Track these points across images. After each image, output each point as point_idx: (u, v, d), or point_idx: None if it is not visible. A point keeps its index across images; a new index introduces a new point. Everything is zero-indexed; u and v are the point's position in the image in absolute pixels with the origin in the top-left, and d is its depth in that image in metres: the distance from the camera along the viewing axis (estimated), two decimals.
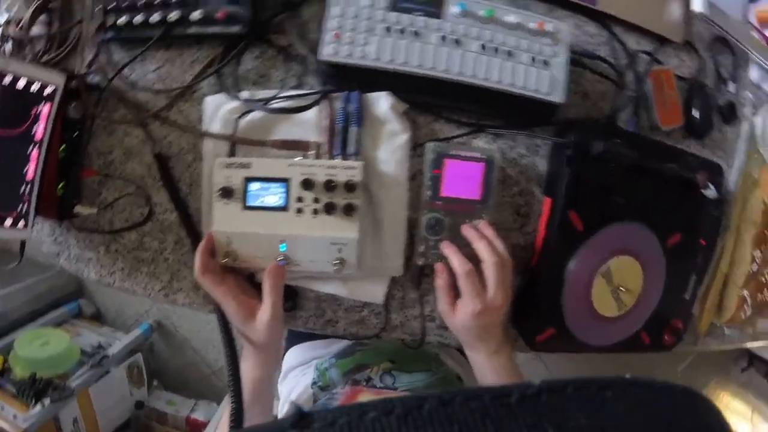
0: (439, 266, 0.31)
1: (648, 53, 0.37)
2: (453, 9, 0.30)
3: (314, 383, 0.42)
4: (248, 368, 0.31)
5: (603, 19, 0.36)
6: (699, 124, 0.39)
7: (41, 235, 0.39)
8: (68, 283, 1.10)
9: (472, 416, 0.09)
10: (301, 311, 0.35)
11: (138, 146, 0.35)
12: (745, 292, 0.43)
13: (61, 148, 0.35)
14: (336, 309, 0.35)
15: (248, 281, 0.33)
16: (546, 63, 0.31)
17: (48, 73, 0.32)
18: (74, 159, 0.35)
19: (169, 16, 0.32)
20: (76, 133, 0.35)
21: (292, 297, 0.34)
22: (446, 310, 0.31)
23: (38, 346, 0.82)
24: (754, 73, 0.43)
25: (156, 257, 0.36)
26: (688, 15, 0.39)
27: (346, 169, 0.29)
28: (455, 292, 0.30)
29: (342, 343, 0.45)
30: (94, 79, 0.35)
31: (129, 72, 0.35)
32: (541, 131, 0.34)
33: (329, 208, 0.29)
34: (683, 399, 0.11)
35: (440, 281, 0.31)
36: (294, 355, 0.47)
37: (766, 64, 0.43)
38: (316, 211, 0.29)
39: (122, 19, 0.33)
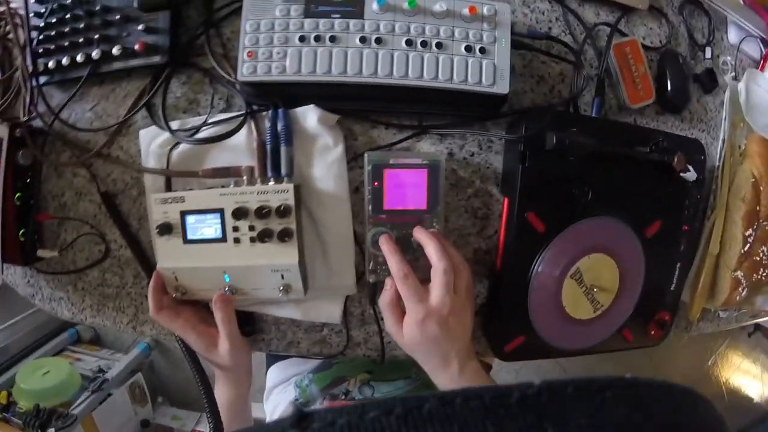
0: (388, 281, 0.28)
1: (609, 24, 0.32)
2: (372, 5, 0.27)
3: (296, 400, 0.41)
4: (222, 391, 0.31)
5: None
6: (674, 98, 0.34)
7: (15, 278, 0.39)
8: None
9: (472, 416, 0.09)
10: (262, 334, 0.33)
11: (86, 186, 0.34)
12: (739, 274, 0.38)
13: (17, 196, 0.34)
14: (296, 330, 0.33)
15: (206, 309, 0.32)
16: (484, 51, 0.27)
17: None
18: (30, 204, 0.35)
19: (92, 54, 0.30)
20: (28, 179, 0.35)
21: (249, 322, 0.32)
22: (394, 330, 0.27)
23: (40, 377, 0.83)
24: (732, 35, 0.37)
25: (119, 292, 0.35)
26: None
27: (277, 193, 0.27)
28: (401, 311, 0.27)
29: (317, 359, 0.44)
30: (37, 124, 0.34)
31: (68, 113, 0.34)
32: (492, 125, 0.30)
33: (265, 236, 0.27)
34: (683, 399, 0.11)
35: (385, 297, 0.28)
36: (275, 373, 0.46)
37: (745, 23, 0.37)
38: (253, 240, 0.27)
39: (51, 62, 0.32)
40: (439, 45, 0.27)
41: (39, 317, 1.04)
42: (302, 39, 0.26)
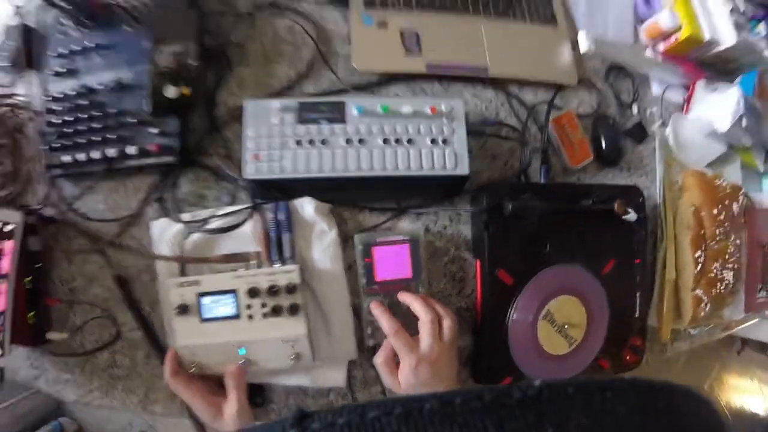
0: (385, 342, 0.37)
1: (547, 103, 0.44)
2: (352, 113, 0.37)
3: None
4: None
5: (498, 83, 0.43)
6: (609, 153, 0.46)
7: (17, 361, 0.44)
8: (48, 402, 1.12)
9: (472, 416, 0.10)
10: (272, 404, 0.40)
11: (98, 272, 0.42)
12: (699, 292, 0.49)
13: (27, 279, 0.41)
14: (303, 398, 0.40)
15: (218, 384, 0.38)
16: (446, 141, 0.38)
17: (6, 212, 0.38)
18: (40, 288, 0.41)
19: (108, 153, 0.39)
20: (39, 264, 0.41)
21: (260, 393, 0.39)
22: (391, 381, 0.35)
23: None
24: (655, 88, 0.50)
25: (130, 373, 0.42)
26: (579, 55, 0.47)
27: (284, 274, 0.35)
28: (396, 366, 0.35)
29: None
30: (48, 212, 0.42)
31: (81, 204, 0.42)
32: (459, 201, 0.41)
33: (276, 311, 0.35)
34: (683, 399, 0.11)
35: (379, 358, 0.35)
36: None
37: (665, 75, 0.50)
38: (265, 315, 0.35)
39: (67, 158, 0.40)
40: (409, 141, 0.37)
41: (22, 407, 1.03)
42: (298, 143, 0.36)
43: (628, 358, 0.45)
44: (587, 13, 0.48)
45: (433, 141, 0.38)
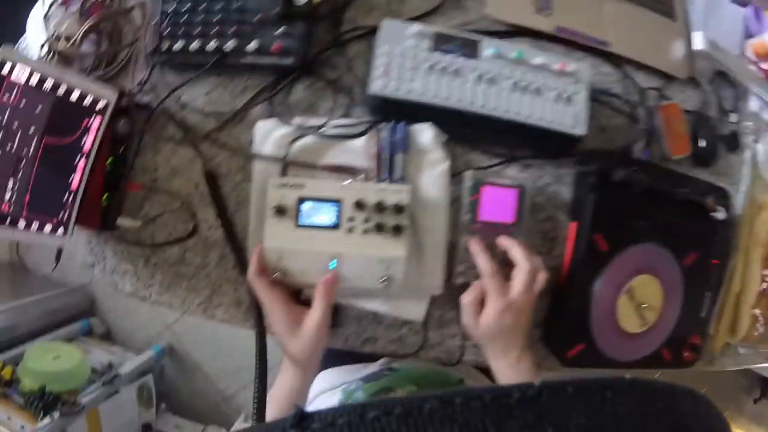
0: (475, 282, 0.37)
1: (656, 89, 0.46)
2: (487, 51, 0.38)
3: (340, 402, 0.46)
4: (286, 379, 0.35)
5: (616, 59, 0.44)
6: (705, 153, 0.47)
7: (76, 246, 0.43)
8: (81, 302, 1.16)
9: (473, 416, 0.10)
10: (342, 328, 0.40)
11: (185, 164, 0.41)
12: (757, 311, 0.50)
13: (108, 162, 0.40)
14: (376, 327, 0.40)
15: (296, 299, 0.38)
16: (569, 99, 0.39)
17: (101, 88, 0.38)
18: (120, 173, 0.40)
19: (225, 46, 0.39)
20: (123, 148, 0.41)
21: (335, 314, 0.39)
22: (471, 323, 0.36)
23: (50, 360, 0.86)
24: (753, 104, 0.52)
25: (197, 272, 0.41)
26: (691, 53, 0.48)
27: (395, 193, 0.35)
28: (480, 308, 0.36)
29: (370, 369, 0.50)
30: (143, 98, 0.41)
31: (179, 94, 0.41)
32: (566, 162, 0.41)
33: (379, 228, 0.35)
34: (683, 400, 0.12)
35: (467, 297, 0.36)
36: (323, 379, 0.50)
37: (763, 95, 0.52)
38: (366, 231, 0.35)
39: (178, 45, 0.40)
40: (536, 90, 0.38)
41: (52, 303, 1.05)
42: (430, 68, 0.36)
43: (686, 355, 0.46)
44: (703, 17, 0.50)
45: (557, 96, 0.38)
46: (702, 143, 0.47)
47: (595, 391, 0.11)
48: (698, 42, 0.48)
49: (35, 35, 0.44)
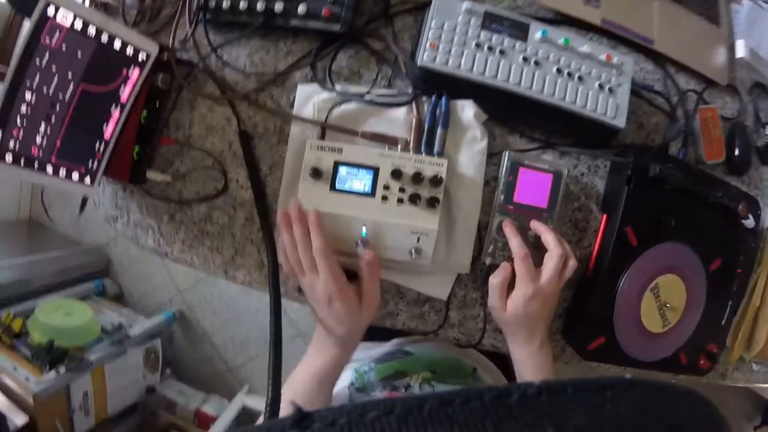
0: (504, 264, 0.37)
1: (696, 92, 0.46)
2: (536, 35, 0.38)
3: (351, 384, 0.45)
4: (329, 355, 0.35)
5: (658, 58, 0.45)
6: (739, 161, 0.47)
7: (102, 197, 0.43)
8: (96, 261, 1.18)
9: (472, 416, 0.10)
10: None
11: (221, 123, 0.42)
12: None
13: (143, 114, 0.41)
14: (398, 302, 0.41)
15: None
16: (611, 91, 0.39)
17: (144, 40, 0.38)
18: (154, 126, 0.41)
19: (274, 6, 0.39)
20: (159, 102, 0.41)
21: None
22: (497, 305, 0.36)
23: (61, 315, 0.89)
24: None
25: (222, 232, 0.42)
26: (732, 60, 0.49)
27: (433, 165, 0.36)
28: (508, 292, 0.36)
29: (382, 348, 0.50)
30: (184, 55, 0.42)
31: (222, 53, 0.42)
32: (602, 153, 0.42)
33: (414, 199, 0.35)
34: (684, 400, 0.12)
35: (496, 278, 0.36)
36: None
37: None
38: (401, 200, 0.36)
39: (226, 3, 0.40)
40: (580, 78, 0.38)
41: (67, 260, 1.07)
42: (477, 45, 0.37)
43: (702, 362, 0.46)
44: (746, 26, 0.50)
45: (600, 86, 0.39)
46: (737, 151, 0.47)
47: (595, 391, 0.11)
48: (740, 50, 0.49)
49: None
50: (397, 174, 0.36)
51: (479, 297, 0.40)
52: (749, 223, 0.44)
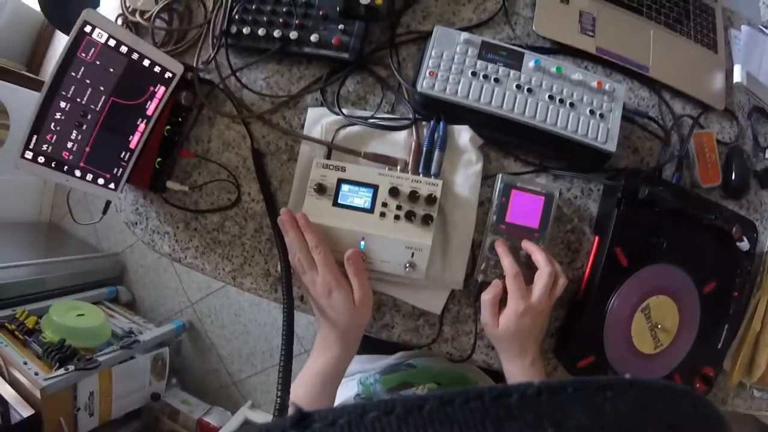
0: (496, 281, 0.39)
1: (692, 117, 0.48)
2: (529, 63, 0.41)
3: (357, 395, 0.47)
4: (331, 354, 0.37)
5: (654, 84, 0.47)
6: (736, 185, 0.48)
7: (123, 203, 0.48)
8: (112, 268, 1.24)
9: (472, 416, 0.10)
10: None
11: (237, 140, 0.46)
12: None
13: (166, 128, 0.45)
14: (394, 314, 0.43)
15: None
16: (603, 116, 0.41)
17: (170, 60, 0.42)
18: (176, 140, 0.45)
19: (290, 34, 0.43)
20: (181, 118, 0.45)
21: None
22: (489, 321, 0.38)
23: (74, 316, 0.93)
24: None
25: (233, 241, 0.45)
26: (730, 85, 0.50)
27: (428, 185, 0.39)
28: (499, 308, 0.38)
29: (388, 360, 0.52)
30: (206, 75, 0.47)
31: (240, 75, 0.46)
32: (595, 176, 0.44)
33: (410, 216, 0.38)
34: (683, 400, 0.12)
35: (488, 295, 0.38)
36: None
37: None
38: (397, 217, 0.39)
39: (247, 29, 0.44)
40: (571, 104, 0.41)
41: (83, 265, 1.13)
42: (474, 74, 0.40)
43: (698, 385, 0.46)
44: (744, 52, 0.52)
45: (591, 112, 0.41)
46: (734, 176, 0.48)
47: (595, 391, 0.11)
48: (738, 75, 0.50)
49: (110, 6, 0.50)
50: (394, 192, 0.38)
51: (472, 313, 0.42)
52: (744, 245, 0.44)
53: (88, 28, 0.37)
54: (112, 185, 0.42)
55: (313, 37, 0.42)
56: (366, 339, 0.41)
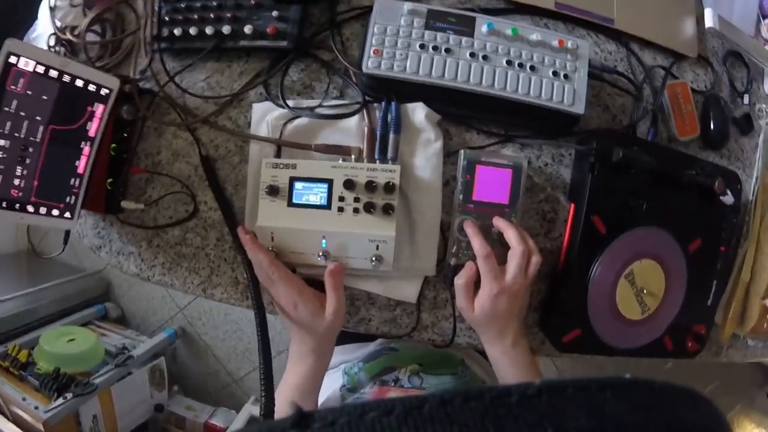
0: (468, 263, 0.35)
1: (664, 68, 0.43)
2: (482, 28, 0.36)
3: (343, 386, 0.45)
4: (307, 363, 0.35)
5: (621, 37, 0.42)
6: (715, 135, 0.44)
7: (84, 228, 0.44)
8: (96, 286, 1.19)
9: (472, 416, 0.10)
10: None
11: (186, 148, 0.41)
12: (767, 302, 0.47)
13: (112, 147, 0.41)
14: (369, 308, 0.40)
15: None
16: (567, 77, 0.37)
17: (103, 76, 0.38)
18: (124, 157, 0.41)
19: (222, 29, 0.38)
20: (126, 133, 0.41)
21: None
22: (465, 305, 0.35)
23: (64, 343, 0.90)
24: (767, 86, 0.48)
25: (197, 253, 0.41)
26: (702, 31, 0.45)
27: (385, 172, 0.34)
28: (474, 291, 0.35)
29: (370, 347, 0.49)
30: (146, 84, 0.42)
31: (180, 79, 0.41)
32: (565, 141, 0.39)
33: (369, 207, 0.34)
34: (684, 399, 0.12)
35: (461, 279, 0.35)
36: None
37: None
38: (356, 210, 0.35)
39: (178, 30, 0.40)
40: (532, 68, 0.36)
41: (68, 288, 1.09)
42: (422, 47, 0.35)
43: (689, 344, 0.43)
44: None
45: (554, 73, 0.36)
46: (713, 125, 0.44)
47: (595, 391, 0.11)
48: (709, 19, 0.45)
49: (45, 25, 0.45)
50: (350, 184, 0.34)
51: (449, 297, 0.39)
52: (728, 199, 0.40)
53: (13, 59, 0.33)
54: (67, 214, 0.38)
55: (248, 29, 0.38)
56: (347, 330, 0.39)
